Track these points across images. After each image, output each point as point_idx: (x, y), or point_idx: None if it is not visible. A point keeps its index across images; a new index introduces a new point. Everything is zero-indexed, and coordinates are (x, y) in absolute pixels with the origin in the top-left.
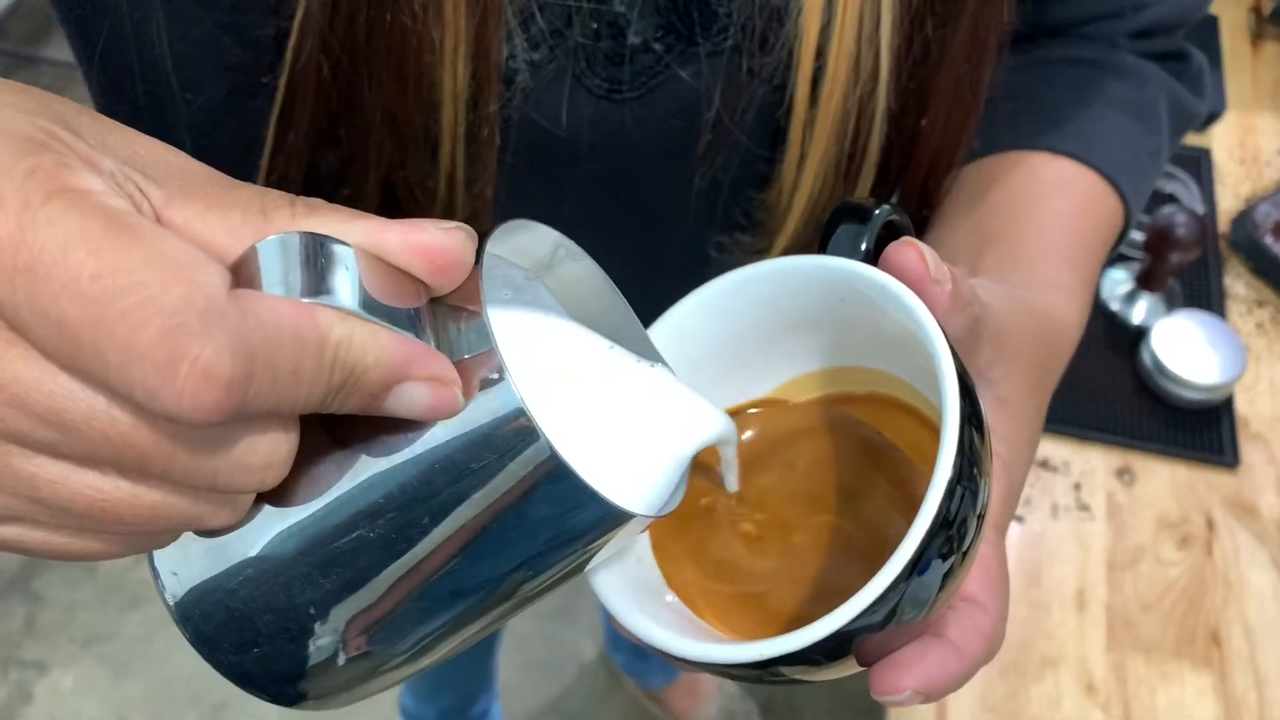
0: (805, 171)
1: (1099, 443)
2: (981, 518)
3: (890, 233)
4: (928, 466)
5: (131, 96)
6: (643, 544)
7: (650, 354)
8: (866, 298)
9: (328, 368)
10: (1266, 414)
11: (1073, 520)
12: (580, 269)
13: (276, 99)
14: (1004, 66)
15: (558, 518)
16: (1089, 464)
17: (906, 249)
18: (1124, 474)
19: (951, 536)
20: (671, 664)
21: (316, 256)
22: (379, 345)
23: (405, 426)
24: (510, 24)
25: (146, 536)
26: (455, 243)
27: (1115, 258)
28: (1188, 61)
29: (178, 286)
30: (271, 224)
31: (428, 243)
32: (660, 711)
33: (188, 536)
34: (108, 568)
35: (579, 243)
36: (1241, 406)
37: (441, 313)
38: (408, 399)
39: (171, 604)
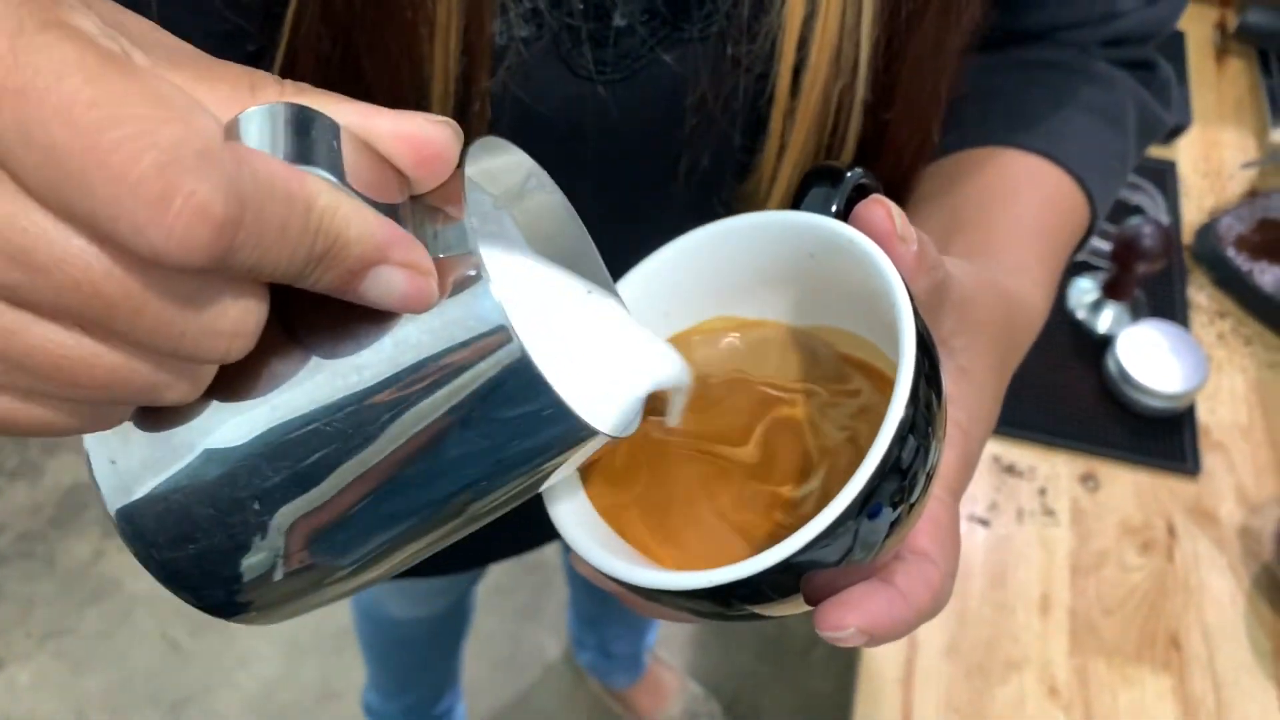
0: (785, 161)
1: (1064, 449)
2: (930, 476)
3: (860, 196)
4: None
5: None
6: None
7: (612, 294)
8: (834, 252)
9: (313, 231)
10: (1227, 423)
11: (1038, 525)
12: (548, 201)
13: (275, 69)
14: (977, 63)
15: (523, 426)
16: (1054, 470)
17: (874, 206)
18: (1088, 480)
19: (902, 487)
20: (627, 601)
21: (304, 129)
22: (363, 220)
23: (371, 319)
24: (529, 12)
25: (98, 407)
26: (442, 136)
27: (1082, 266)
28: (1156, 71)
29: (175, 124)
30: (258, 98)
31: (414, 131)
32: (624, 711)
33: (129, 425)
34: (67, 563)
35: None
36: (1203, 415)
37: (420, 211)
38: (384, 283)
39: (104, 492)
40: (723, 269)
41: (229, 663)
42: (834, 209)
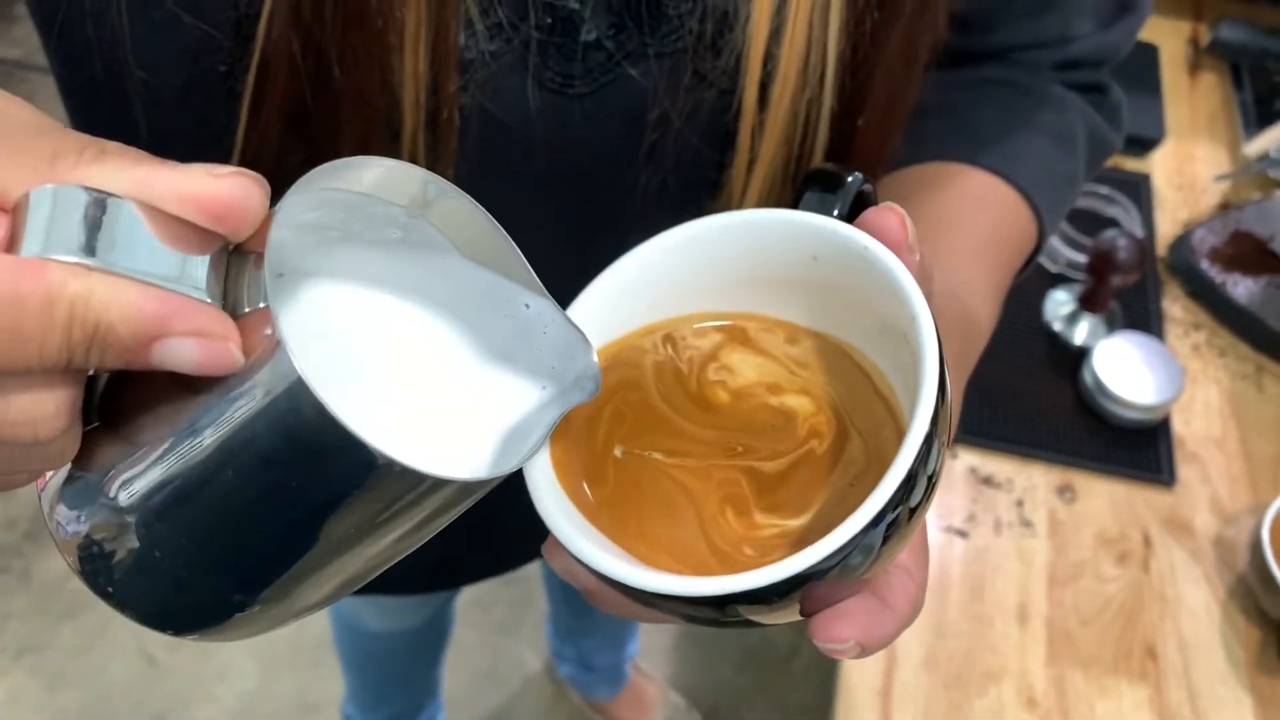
0: (755, 175)
1: (1041, 460)
2: (933, 481)
3: (858, 204)
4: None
5: (90, 72)
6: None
7: (543, 296)
8: (842, 257)
9: (62, 324)
10: (1201, 434)
11: (1015, 536)
12: (459, 206)
13: (249, 78)
14: (935, 79)
15: (349, 479)
16: (1031, 481)
17: (889, 214)
18: (1065, 491)
19: (912, 494)
20: (601, 599)
21: (86, 208)
22: (122, 302)
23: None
24: (471, 11)
25: None
26: (228, 189)
27: (1058, 278)
28: (1108, 95)
29: None
30: (56, 171)
31: (198, 191)
32: None
33: (59, 474)
34: (42, 577)
35: (530, 241)
36: (1178, 427)
37: (238, 262)
38: (174, 354)
39: (51, 526)
40: (712, 265)
41: (207, 677)
42: (835, 213)
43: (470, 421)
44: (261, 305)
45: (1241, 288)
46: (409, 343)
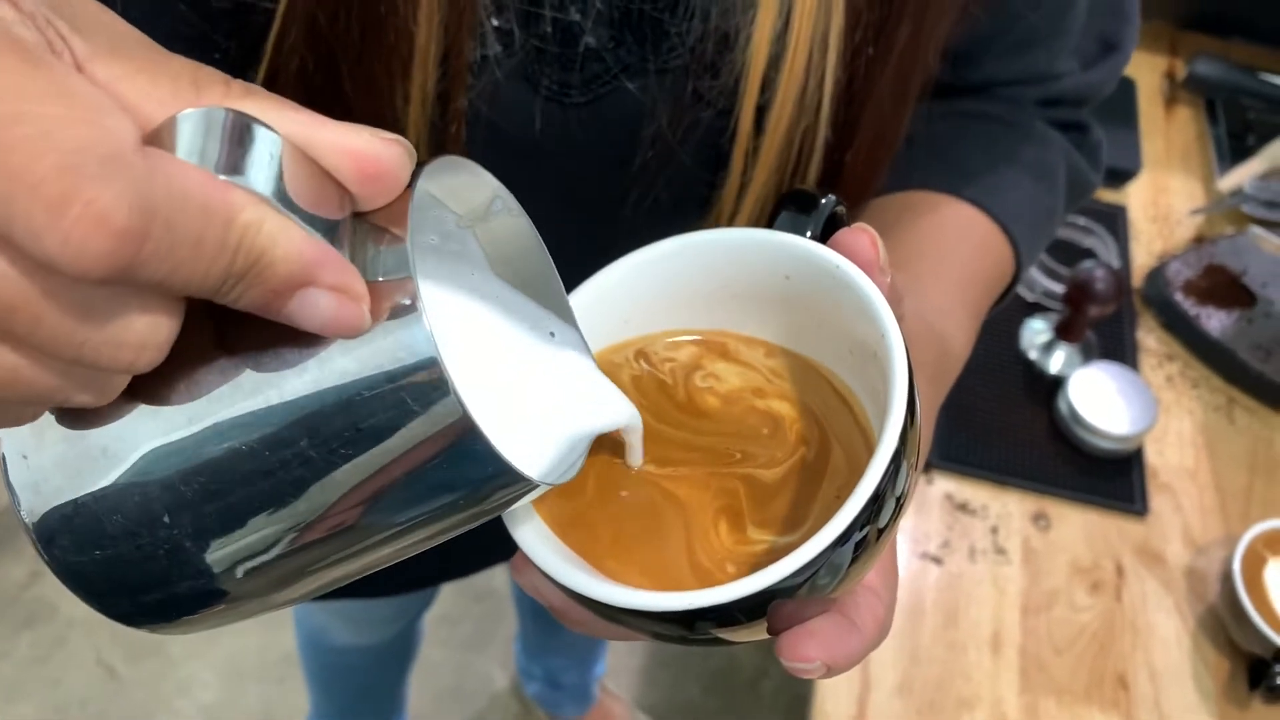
0: (746, 198)
1: (1016, 488)
2: (901, 502)
3: (830, 225)
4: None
5: None
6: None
7: (571, 327)
8: (814, 277)
9: (232, 248)
10: (1174, 465)
11: (989, 564)
12: (514, 225)
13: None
14: (923, 112)
15: (448, 466)
16: (1006, 509)
17: (860, 234)
18: (1039, 519)
19: (879, 513)
20: (571, 619)
21: (241, 137)
22: (289, 239)
23: (302, 341)
24: (485, 25)
25: (2, 406)
26: (390, 154)
27: (1035, 308)
28: (1088, 134)
29: (81, 126)
30: (202, 98)
31: (360, 147)
32: None
33: (47, 422)
34: (1, 585)
35: None
36: (1151, 457)
37: (362, 230)
38: (311, 305)
39: (14, 487)
40: (688, 281)
41: (167, 690)
42: (808, 234)
43: (525, 421)
44: (399, 277)
45: (1215, 320)
46: (478, 337)
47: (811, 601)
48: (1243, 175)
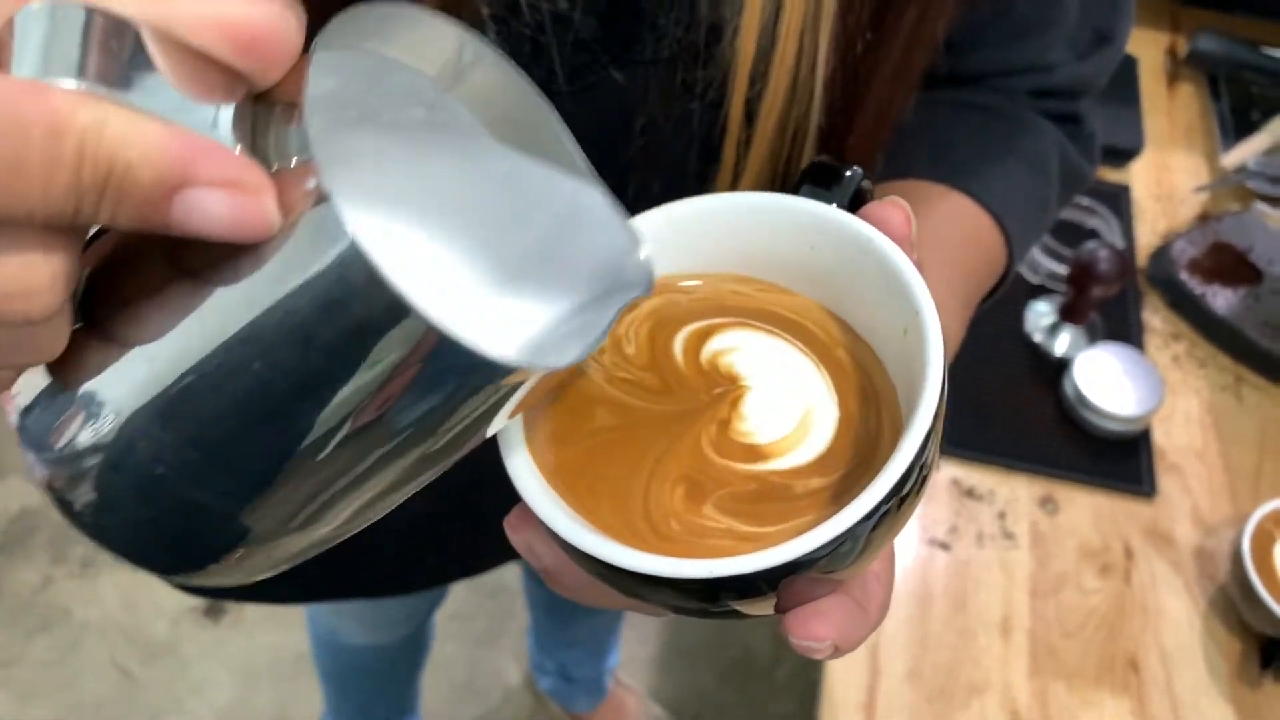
0: (739, 188)
1: (1023, 472)
2: (925, 471)
3: (856, 200)
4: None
5: None
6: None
7: (588, 179)
8: (842, 249)
9: (71, 162)
10: (1181, 445)
11: (998, 549)
12: (495, 74)
13: None
14: (915, 102)
15: (404, 363)
16: (1013, 493)
17: (894, 208)
18: (1047, 503)
19: (911, 484)
20: (575, 591)
21: (89, 29)
22: (144, 136)
23: (235, 252)
24: (481, 11)
25: None
26: (265, 14)
27: (1039, 290)
28: (1082, 125)
29: None
30: None
31: (224, 13)
32: None
33: (42, 377)
34: (14, 589)
35: None
36: (1158, 438)
37: (265, 114)
38: (200, 209)
39: (22, 441)
40: (711, 245)
41: (181, 691)
42: (835, 205)
43: (514, 317)
44: (299, 160)
45: (1221, 299)
46: (442, 235)
47: (820, 580)
48: (1247, 151)
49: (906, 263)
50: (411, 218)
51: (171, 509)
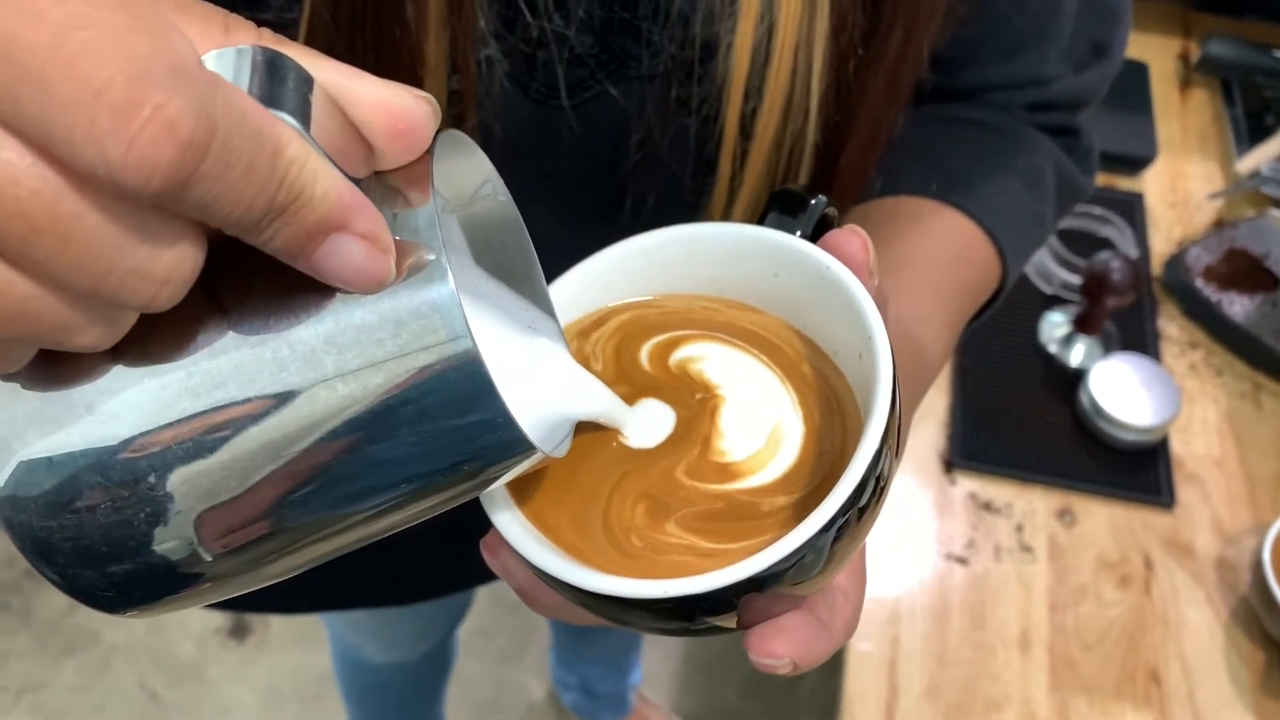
0: (736, 204)
1: (1040, 485)
2: (881, 485)
3: (820, 226)
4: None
5: None
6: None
7: (550, 319)
8: (803, 276)
9: (279, 179)
10: (1200, 454)
11: (1015, 562)
12: (499, 211)
13: None
14: (910, 117)
15: (461, 430)
16: (1030, 506)
17: (852, 236)
18: (1064, 515)
19: (863, 496)
20: (551, 610)
21: (278, 75)
22: (330, 177)
23: (311, 293)
24: (480, 27)
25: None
26: (422, 112)
27: (1053, 300)
28: (1079, 139)
29: (148, 35)
30: (231, 39)
31: (395, 101)
32: None
33: (17, 385)
34: (42, 614)
35: None
36: (1176, 447)
37: (380, 189)
38: (342, 253)
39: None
40: (673, 274)
41: (208, 712)
42: (798, 234)
43: (528, 398)
44: (421, 238)
45: (1237, 306)
46: (485, 314)
47: (783, 596)
48: (1261, 156)
49: (861, 290)
50: (486, 321)
51: (143, 526)
